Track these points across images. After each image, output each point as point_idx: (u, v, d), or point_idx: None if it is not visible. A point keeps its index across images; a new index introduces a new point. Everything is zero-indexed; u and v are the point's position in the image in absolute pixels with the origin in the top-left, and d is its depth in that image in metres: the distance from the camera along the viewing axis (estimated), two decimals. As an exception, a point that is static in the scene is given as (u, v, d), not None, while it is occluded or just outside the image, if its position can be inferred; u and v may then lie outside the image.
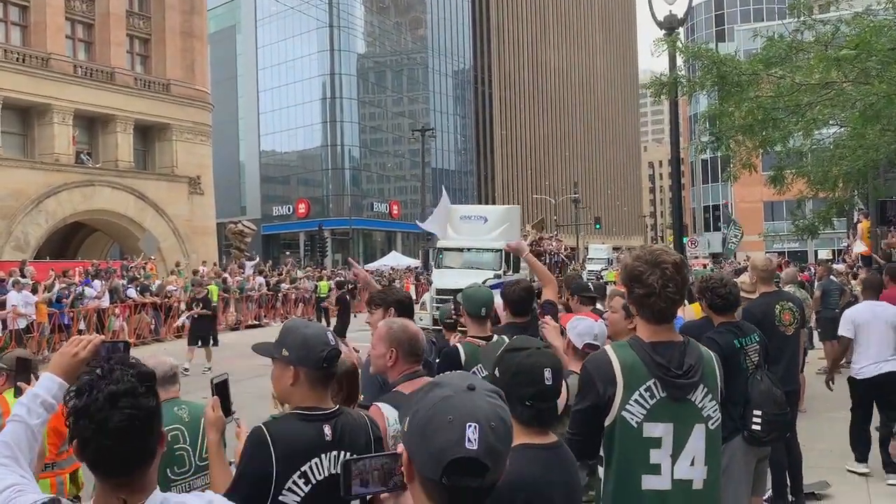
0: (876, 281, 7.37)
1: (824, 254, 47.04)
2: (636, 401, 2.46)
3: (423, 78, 72.71)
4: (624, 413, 2.45)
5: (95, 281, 20.59)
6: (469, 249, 21.50)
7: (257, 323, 24.42)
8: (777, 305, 5.85)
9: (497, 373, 2.27)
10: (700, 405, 2.51)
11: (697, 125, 19.43)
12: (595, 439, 2.53)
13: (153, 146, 34.32)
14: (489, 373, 2.33)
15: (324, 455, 2.30)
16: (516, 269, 20.89)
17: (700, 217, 67.12)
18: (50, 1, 29.25)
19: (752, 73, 11.42)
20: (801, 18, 11.98)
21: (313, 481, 2.27)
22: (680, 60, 12.62)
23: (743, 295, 6.11)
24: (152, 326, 21.15)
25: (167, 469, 3.23)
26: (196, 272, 25.39)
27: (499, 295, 4.60)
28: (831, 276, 13.53)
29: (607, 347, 2.65)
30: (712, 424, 2.53)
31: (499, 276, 19.36)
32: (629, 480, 2.46)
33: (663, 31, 12.05)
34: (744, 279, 6.72)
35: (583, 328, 3.36)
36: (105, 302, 19.56)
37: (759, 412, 4.25)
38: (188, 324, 16.54)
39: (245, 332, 22.64)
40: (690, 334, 2.83)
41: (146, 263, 25.87)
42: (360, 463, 1.70)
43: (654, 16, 12.24)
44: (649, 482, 2.45)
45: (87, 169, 30.32)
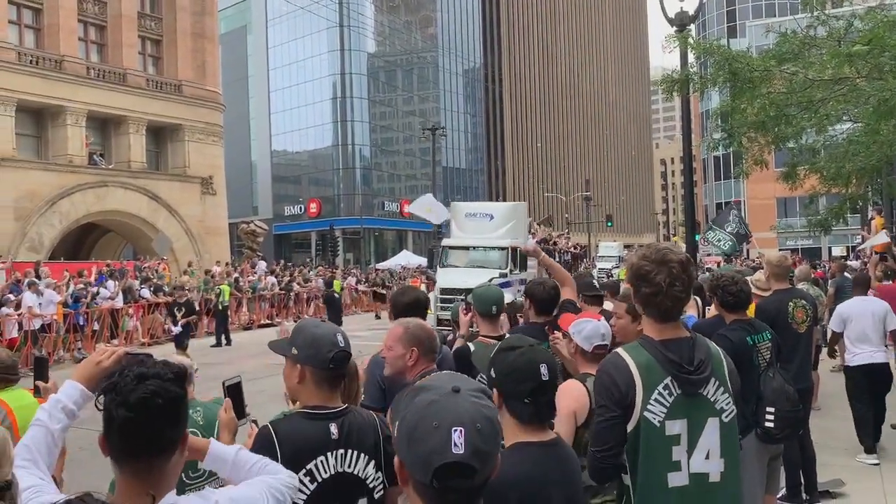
0: (864, 279, 8.14)
1: (838, 250, 46.73)
2: (656, 400, 2.47)
3: (434, 76, 72.72)
4: (646, 413, 2.46)
5: (109, 281, 20.76)
6: (474, 248, 21.08)
7: (270, 322, 24.53)
8: (790, 303, 5.82)
9: (493, 373, 2.28)
10: (713, 399, 2.53)
11: (710, 122, 19.31)
12: (623, 448, 2.51)
13: (165, 147, 34.50)
14: (485, 374, 2.34)
15: (330, 453, 2.32)
16: (523, 268, 20.51)
17: (712, 214, 66.72)
18: (63, 3, 29.46)
19: (765, 70, 11.34)
20: (814, 14, 11.89)
21: (319, 479, 2.29)
22: (691, 57, 12.57)
23: (756, 292, 6.12)
24: (166, 326, 21.28)
25: (182, 473, 3.25)
26: (209, 272, 25.54)
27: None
28: (845, 273, 13.42)
29: (620, 350, 2.64)
30: (726, 417, 2.54)
31: (504, 275, 18.99)
32: (657, 480, 2.46)
33: (674, 28, 12.03)
34: (758, 276, 6.68)
35: (589, 331, 3.30)
36: (119, 302, 19.70)
37: (772, 409, 4.24)
38: (175, 331, 15.74)
39: (257, 331, 22.76)
40: (702, 333, 2.83)
41: (159, 264, 26.04)
42: None
43: (665, 13, 12.22)
44: (674, 479, 2.46)
45: (100, 170, 30.52)
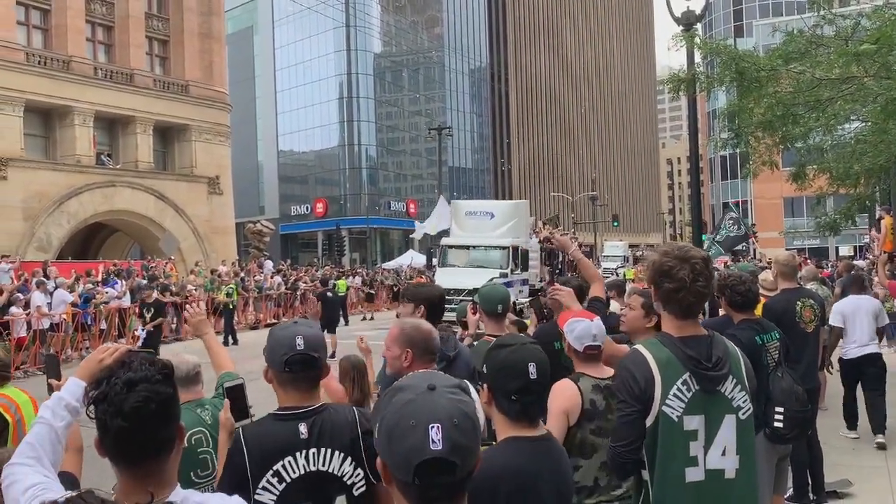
0: (860, 278, 8.63)
1: (845, 250, 46.55)
2: (675, 395, 2.50)
3: (440, 76, 72.72)
4: (665, 408, 2.49)
5: (116, 280, 20.84)
6: (475, 247, 20.58)
7: (276, 322, 24.56)
8: (798, 302, 5.80)
9: (484, 368, 2.30)
10: (730, 396, 2.56)
11: (716, 121, 19.26)
12: (642, 443, 2.54)
13: (172, 147, 34.61)
14: (479, 369, 2.37)
15: (299, 453, 2.32)
16: (524, 268, 20.21)
17: (719, 214, 66.56)
18: (71, 4, 29.58)
19: (772, 69, 11.30)
20: (821, 13, 11.85)
21: (287, 479, 2.30)
22: (698, 56, 12.53)
23: (763, 293, 6.11)
24: (173, 326, 21.36)
25: (191, 472, 3.25)
26: (214, 271, 25.60)
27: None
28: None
29: (639, 346, 2.65)
30: (743, 414, 2.58)
31: (505, 275, 18.58)
32: (675, 475, 2.50)
33: (681, 27, 11.99)
34: (765, 276, 6.67)
35: (580, 331, 3.25)
36: (126, 301, 19.77)
37: (781, 409, 4.22)
38: (141, 334, 14.30)
39: (263, 331, 22.78)
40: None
41: (166, 264, 26.11)
42: None
43: (671, 12, 12.18)
44: (691, 474, 2.50)
45: (108, 170, 30.63)
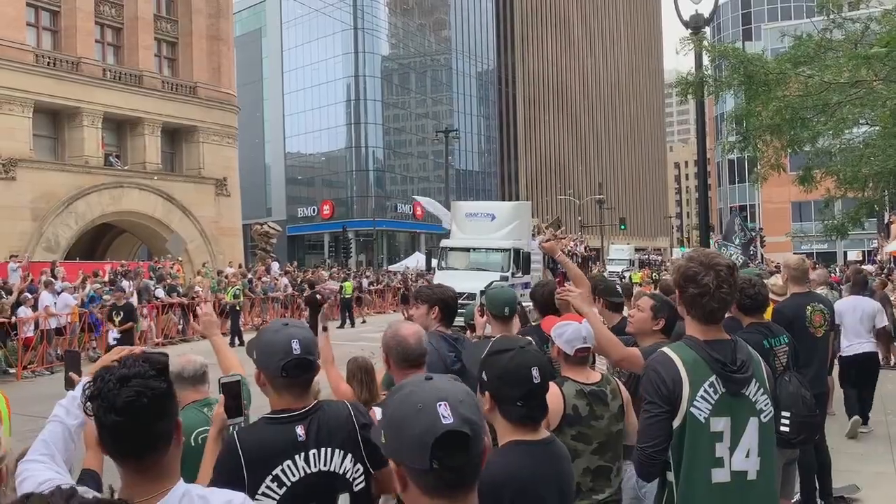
0: (861, 280, 9.03)
1: (853, 255, 46.30)
2: (702, 397, 2.53)
3: (447, 79, 72.81)
4: (692, 410, 2.52)
5: (124, 281, 20.90)
6: (475, 249, 20.09)
7: (282, 323, 24.54)
8: (808, 307, 5.75)
9: (485, 377, 2.24)
10: (754, 399, 2.60)
11: (724, 125, 19.18)
12: (669, 444, 2.56)
13: (180, 148, 34.71)
14: (476, 376, 2.29)
15: (298, 456, 2.29)
16: (526, 271, 19.71)
17: (727, 218, 66.33)
18: (80, 6, 29.71)
19: (780, 73, 11.29)
20: (830, 16, 11.82)
21: (288, 483, 2.26)
22: (706, 60, 12.51)
23: (773, 297, 6.06)
24: (179, 327, 21.43)
25: (197, 472, 3.25)
26: (221, 272, 25.65)
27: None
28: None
29: (666, 349, 2.68)
30: (765, 417, 2.62)
31: (506, 279, 18.05)
32: (701, 476, 2.52)
33: (689, 31, 11.97)
34: (774, 281, 6.64)
35: (570, 334, 3.22)
36: (133, 302, 19.82)
37: (788, 413, 4.20)
38: (112, 338, 13.33)
39: (270, 332, 22.77)
40: None
41: (173, 265, 26.17)
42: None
43: (679, 15, 12.15)
44: (717, 476, 2.53)
45: (116, 171, 30.74)
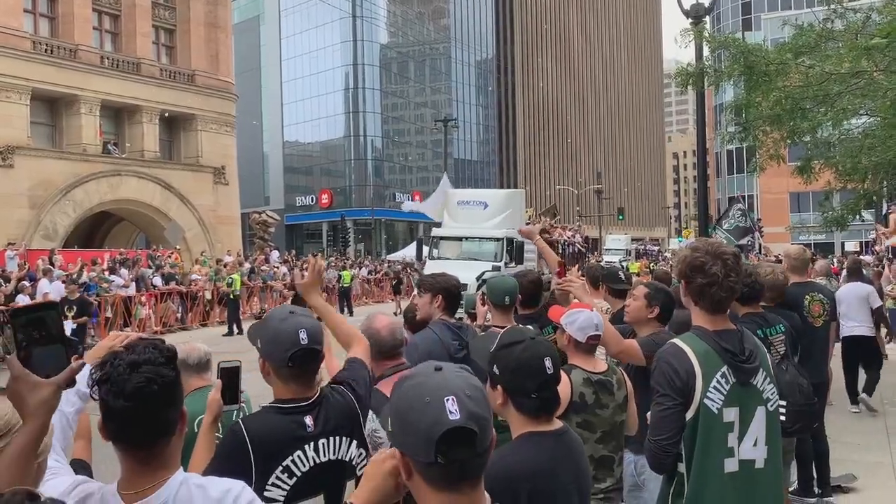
0: (856, 268, 9.68)
1: (851, 246, 46.39)
2: (715, 388, 2.53)
3: (446, 68, 72.58)
4: (706, 401, 2.52)
5: (122, 269, 20.90)
6: (467, 238, 19.57)
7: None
8: (807, 296, 5.77)
9: (496, 370, 2.23)
10: (761, 388, 2.62)
11: (723, 115, 19.16)
12: (681, 436, 2.56)
13: (178, 136, 34.59)
14: (487, 369, 2.27)
15: (307, 446, 2.28)
16: (519, 261, 19.13)
17: (725, 208, 66.44)
18: (77, -8, 29.55)
19: (781, 63, 11.26)
20: (832, 6, 11.78)
21: (298, 474, 2.25)
22: (706, 50, 12.48)
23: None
24: (178, 315, 21.44)
25: None
26: (219, 261, 25.64)
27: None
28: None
29: (677, 340, 2.67)
30: (771, 406, 2.64)
31: (498, 269, 17.62)
32: (714, 466, 2.53)
33: (690, 20, 11.94)
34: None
35: (583, 321, 3.22)
36: (131, 290, 19.84)
37: (785, 402, 4.13)
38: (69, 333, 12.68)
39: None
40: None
41: (171, 254, 26.15)
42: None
43: (680, 4, 12.12)
44: (728, 465, 2.54)
45: (114, 159, 30.64)
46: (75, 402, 2.06)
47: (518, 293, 4.38)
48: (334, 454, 2.33)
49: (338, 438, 2.34)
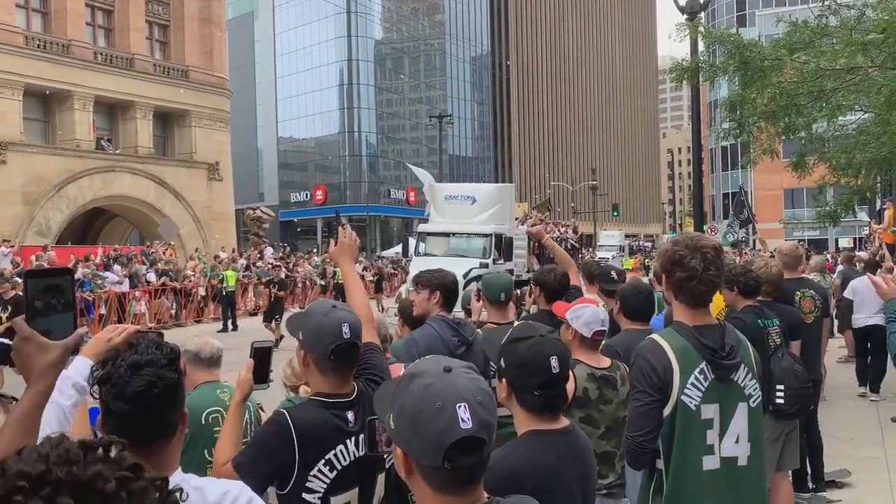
0: (872, 262, 10.66)
1: (845, 242, 46.52)
2: (693, 384, 2.51)
3: (441, 64, 72.48)
4: (683, 398, 2.50)
5: (115, 266, 20.83)
6: (454, 234, 18.86)
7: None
8: (798, 292, 5.81)
9: (503, 364, 2.26)
10: (742, 384, 2.59)
11: (718, 111, 19.17)
12: (659, 433, 2.54)
13: (172, 132, 34.48)
14: (495, 363, 2.30)
15: (349, 440, 2.32)
16: (508, 258, 18.69)
17: (719, 204, 66.47)
18: (70, -13, 29.39)
19: (776, 59, 11.26)
20: (826, 2, 11.78)
21: (339, 467, 2.30)
22: (701, 46, 12.48)
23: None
24: (172, 311, 21.40)
25: (205, 450, 3.25)
26: (217, 257, 25.59)
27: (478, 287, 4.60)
28: (854, 264, 13.35)
29: (656, 336, 2.66)
30: (753, 402, 2.60)
31: (486, 266, 16.90)
32: (692, 464, 2.51)
33: (685, 16, 11.94)
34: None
35: (589, 316, 3.25)
36: (125, 286, 19.78)
37: (782, 386, 4.44)
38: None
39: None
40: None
41: (166, 250, 26.09)
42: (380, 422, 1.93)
43: (675, 1, 12.12)
44: (707, 463, 2.52)
45: (108, 155, 30.53)
46: (72, 396, 2.03)
47: (512, 290, 4.39)
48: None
49: None
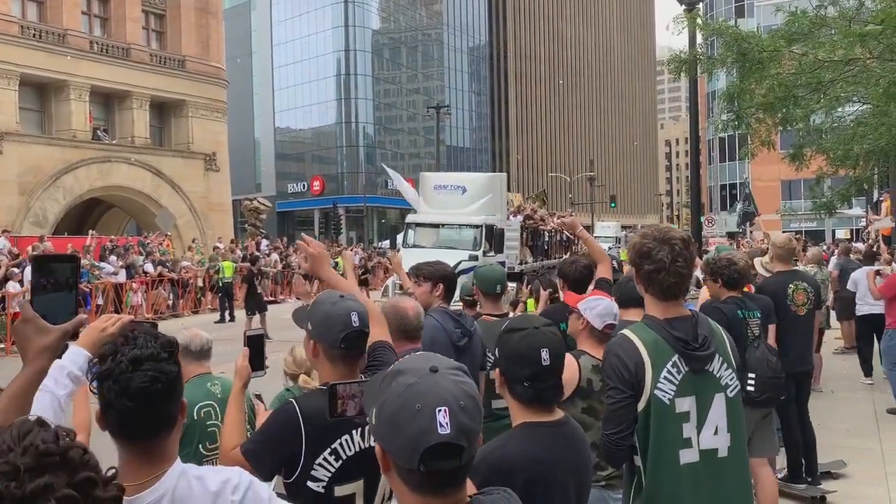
0: (871, 253, 10.96)
1: (842, 233, 46.61)
2: (665, 378, 2.48)
3: (439, 54, 72.25)
4: (656, 392, 2.47)
5: (112, 256, 20.80)
6: (444, 225, 18.44)
7: (273, 299, 24.56)
8: (791, 285, 5.84)
9: (497, 353, 2.28)
10: (718, 375, 2.56)
11: (716, 103, 19.13)
12: (634, 429, 2.52)
13: (169, 122, 34.37)
14: (489, 353, 2.35)
15: (355, 431, 2.32)
16: (499, 250, 18.21)
17: (717, 196, 66.51)
18: (66, -24, 29.21)
19: (774, 50, 11.24)
20: (825, -7, 11.77)
21: (344, 457, 2.30)
22: (700, 37, 12.45)
23: (765, 274, 6.31)
24: (169, 302, 21.39)
25: (199, 444, 3.26)
26: (216, 248, 25.55)
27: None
28: (850, 256, 13.34)
29: (625, 331, 2.64)
30: (731, 392, 2.58)
31: (476, 258, 16.37)
32: (669, 458, 2.48)
33: (683, 7, 11.90)
34: (767, 259, 6.75)
35: (602, 309, 3.27)
36: (122, 277, 19.76)
37: (753, 375, 4.69)
38: None
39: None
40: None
41: (163, 241, 26.06)
42: (342, 387, 2.08)
43: (673, -9, 12.07)
44: (685, 456, 2.49)
45: (104, 145, 30.44)
46: (67, 385, 2.00)
47: (506, 282, 4.40)
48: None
49: None
